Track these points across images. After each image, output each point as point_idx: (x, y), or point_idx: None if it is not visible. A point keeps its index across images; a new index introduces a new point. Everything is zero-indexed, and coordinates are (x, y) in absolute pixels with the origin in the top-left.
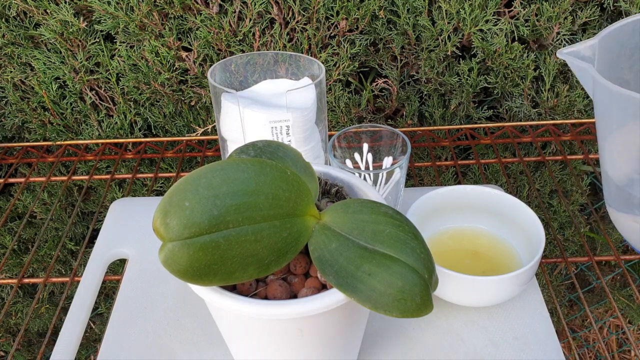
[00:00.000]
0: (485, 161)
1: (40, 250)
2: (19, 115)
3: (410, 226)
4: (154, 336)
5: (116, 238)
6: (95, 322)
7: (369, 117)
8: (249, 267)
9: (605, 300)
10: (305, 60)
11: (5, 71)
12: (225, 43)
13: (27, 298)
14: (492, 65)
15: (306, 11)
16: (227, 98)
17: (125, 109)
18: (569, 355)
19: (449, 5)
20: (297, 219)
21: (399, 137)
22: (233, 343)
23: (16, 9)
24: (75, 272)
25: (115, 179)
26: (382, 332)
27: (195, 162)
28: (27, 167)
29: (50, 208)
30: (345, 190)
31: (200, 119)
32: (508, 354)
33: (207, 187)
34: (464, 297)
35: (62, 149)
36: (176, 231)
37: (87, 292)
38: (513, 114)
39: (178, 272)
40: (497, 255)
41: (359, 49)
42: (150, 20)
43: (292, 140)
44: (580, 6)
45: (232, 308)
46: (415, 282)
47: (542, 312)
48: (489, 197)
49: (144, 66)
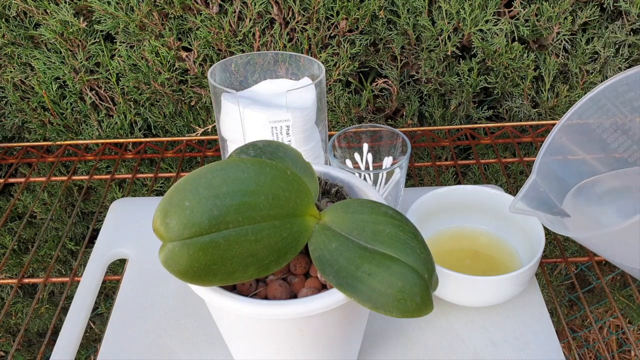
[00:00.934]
0: (485, 161)
1: (40, 250)
2: (19, 115)
3: (410, 226)
4: (154, 336)
5: (116, 238)
6: (95, 322)
7: (369, 117)
8: (249, 267)
9: (605, 300)
10: (305, 60)
11: (5, 71)
12: (225, 43)
13: (27, 298)
14: (492, 65)
15: (306, 11)
16: (227, 98)
17: (125, 109)
18: (569, 355)
19: (449, 5)
20: (297, 219)
21: (399, 137)
22: (233, 343)
23: (16, 9)
24: (75, 272)
25: (115, 179)
26: (382, 332)
27: (195, 162)
28: (27, 167)
29: (50, 208)
30: (345, 190)
31: (200, 119)
32: (508, 354)
33: (207, 187)
34: (464, 297)
35: (62, 149)
36: (176, 231)
37: (87, 292)
38: (513, 114)
39: (178, 272)
40: (497, 255)
41: (359, 49)
42: (150, 20)
43: (292, 140)
44: (580, 6)
45: (232, 308)
46: (415, 282)
47: (542, 312)
48: (489, 197)
49: (144, 66)
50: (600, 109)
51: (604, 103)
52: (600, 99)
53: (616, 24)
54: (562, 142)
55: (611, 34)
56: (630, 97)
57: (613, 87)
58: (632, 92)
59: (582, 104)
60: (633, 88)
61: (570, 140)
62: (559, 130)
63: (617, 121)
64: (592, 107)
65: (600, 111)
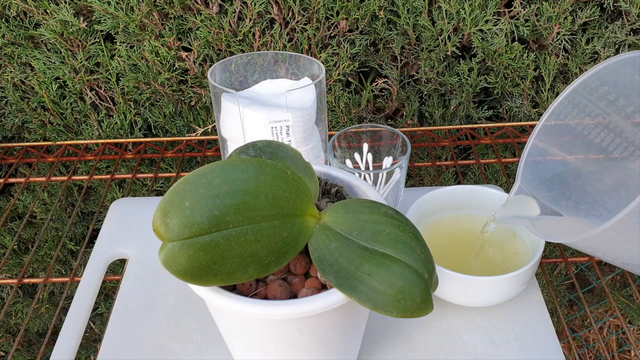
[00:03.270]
0: (485, 161)
1: (40, 250)
2: (19, 115)
3: (410, 226)
4: (154, 336)
5: (116, 238)
6: (95, 322)
7: (369, 117)
8: (249, 267)
9: (605, 300)
10: (305, 60)
11: (5, 71)
12: (225, 43)
13: (27, 298)
14: (492, 65)
15: (306, 11)
16: (227, 98)
17: (125, 109)
18: (569, 355)
19: (449, 5)
20: (297, 219)
21: (399, 137)
22: (233, 343)
23: (16, 9)
24: (75, 272)
25: (115, 179)
26: (382, 332)
27: (195, 162)
28: (27, 167)
29: (50, 208)
30: (345, 190)
31: (200, 119)
32: (508, 354)
33: (207, 187)
34: (464, 297)
35: (62, 149)
36: (176, 231)
37: (87, 292)
38: (513, 114)
39: (178, 272)
40: (497, 255)
41: (359, 49)
42: (150, 20)
43: (292, 140)
44: (580, 6)
45: (232, 308)
46: (415, 282)
47: (542, 312)
48: (489, 197)
49: (144, 66)
50: (577, 107)
51: (579, 100)
52: (575, 97)
53: (616, 24)
54: (542, 146)
55: (611, 34)
56: (604, 92)
57: (585, 84)
58: (605, 87)
59: (558, 104)
60: (605, 82)
61: (551, 143)
62: (539, 134)
63: (596, 116)
64: (568, 106)
65: (576, 109)
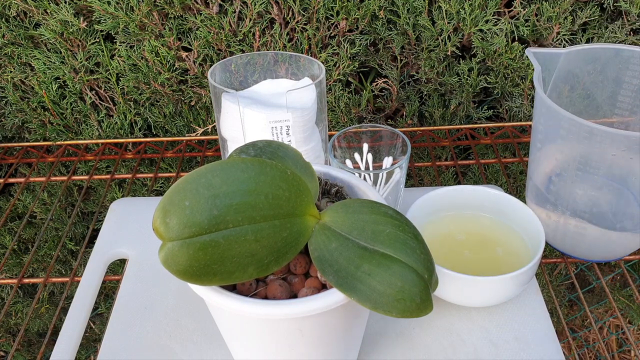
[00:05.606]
0: (485, 161)
1: (40, 250)
2: (19, 115)
3: (410, 226)
4: (154, 336)
5: (116, 238)
6: (95, 322)
7: (369, 117)
8: (249, 267)
9: (605, 300)
10: (305, 60)
11: (5, 71)
12: (225, 43)
13: (27, 298)
14: (492, 65)
15: (306, 11)
16: (227, 98)
17: (125, 109)
18: (569, 355)
19: (449, 5)
20: (297, 219)
21: (399, 137)
22: (233, 343)
23: (16, 9)
24: (75, 272)
25: (115, 179)
26: (382, 332)
27: (195, 162)
28: (27, 167)
29: (50, 208)
30: (345, 190)
31: (200, 119)
32: (508, 354)
33: (207, 187)
34: (464, 297)
35: (62, 149)
36: (176, 231)
37: (87, 292)
38: (513, 114)
39: (178, 271)
40: (497, 254)
41: (359, 49)
42: (150, 20)
43: (292, 140)
44: (580, 6)
45: (232, 308)
46: (415, 282)
47: (542, 312)
48: (489, 197)
49: (144, 66)
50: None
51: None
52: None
53: (616, 24)
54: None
55: (611, 34)
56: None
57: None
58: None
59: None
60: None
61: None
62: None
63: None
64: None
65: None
